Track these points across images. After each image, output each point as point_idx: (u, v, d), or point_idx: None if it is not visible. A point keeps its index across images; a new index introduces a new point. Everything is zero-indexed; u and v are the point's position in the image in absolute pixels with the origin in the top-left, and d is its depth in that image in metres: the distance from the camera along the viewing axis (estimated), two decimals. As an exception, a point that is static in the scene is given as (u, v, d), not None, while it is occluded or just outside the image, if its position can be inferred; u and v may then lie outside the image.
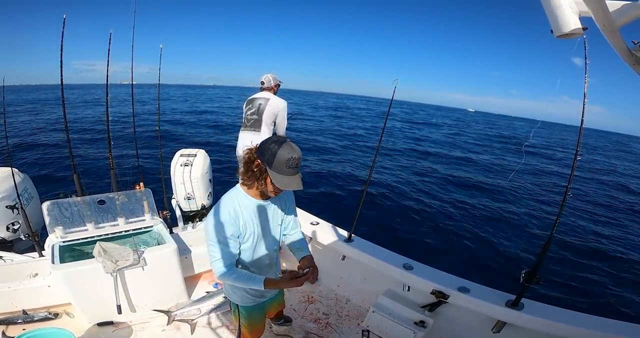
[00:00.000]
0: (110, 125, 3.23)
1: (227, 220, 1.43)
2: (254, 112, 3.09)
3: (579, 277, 5.43)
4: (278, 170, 1.33)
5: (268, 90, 3.19)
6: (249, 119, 3.11)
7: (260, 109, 3.08)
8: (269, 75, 3.19)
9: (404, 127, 27.68)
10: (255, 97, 3.15)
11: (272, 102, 3.08)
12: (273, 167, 1.33)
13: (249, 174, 1.41)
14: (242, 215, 1.47)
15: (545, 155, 20.09)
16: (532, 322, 2.00)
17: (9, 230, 3.20)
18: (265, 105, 3.07)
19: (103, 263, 2.28)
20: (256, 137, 3.12)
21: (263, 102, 3.09)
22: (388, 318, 2.44)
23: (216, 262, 1.47)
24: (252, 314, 1.77)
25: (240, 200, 1.48)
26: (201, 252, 3.02)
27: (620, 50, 0.86)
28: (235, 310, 1.76)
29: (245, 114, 3.14)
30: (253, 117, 3.09)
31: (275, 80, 3.22)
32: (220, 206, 1.47)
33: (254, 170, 1.39)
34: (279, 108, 3.10)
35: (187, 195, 3.77)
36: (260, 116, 3.08)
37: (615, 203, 10.58)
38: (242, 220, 1.47)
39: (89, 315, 2.43)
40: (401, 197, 8.34)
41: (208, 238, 1.46)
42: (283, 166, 1.32)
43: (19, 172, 3.38)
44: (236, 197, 1.49)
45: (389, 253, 2.73)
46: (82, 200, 2.74)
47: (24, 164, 9.04)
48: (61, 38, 2.83)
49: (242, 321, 1.76)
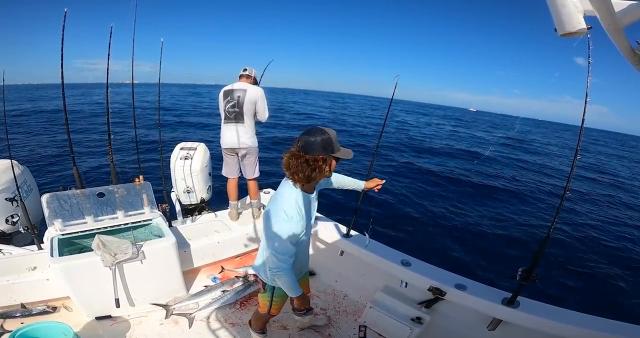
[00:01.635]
0: (111, 120, 3.22)
1: (294, 217, 1.54)
2: (234, 104, 3.09)
3: (575, 275, 5.46)
4: (338, 149, 1.53)
5: (247, 78, 3.18)
6: (230, 112, 3.11)
7: (239, 101, 3.08)
8: (251, 68, 3.23)
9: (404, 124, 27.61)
10: (233, 88, 3.11)
11: (250, 93, 3.07)
12: (334, 149, 1.51)
13: (315, 172, 1.49)
14: (302, 211, 1.59)
15: (545, 153, 20.09)
16: (527, 320, 2.01)
17: (8, 223, 3.20)
18: (244, 96, 3.07)
19: (102, 257, 2.29)
20: (241, 129, 3.13)
21: (241, 94, 3.08)
22: (385, 314, 2.45)
23: (282, 260, 1.56)
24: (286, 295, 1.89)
25: (298, 196, 1.58)
26: (200, 245, 3.03)
27: (624, 49, 0.85)
28: (269, 292, 1.88)
29: (225, 107, 3.12)
30: (234, 110, 3.10)
31: (256, 73, 3.25)
32: (285, 204, 1.55)
33: (320, 165, 1.49)
34: (256, 97, 3.10)
35: (187, 189, 3.77)
36: (240, 108, 3.09)
37: (614, 201, 10.61)
38: (303, 216, 1.59)
39: (88, 309, 2.44)
40: (400, 193, 8.35)
41: (273, 235, 1.54)
42: (338, 144, 1.53)
43: (18, 164, 3.36)
44: (295, 194, 1.58)
45: (388, 249, 2.74)
46: (82, 192, 2.74)
47: (23, 156, 9.04)
48: (62, 32, 2.80)
49: (275, 299, 1.90)
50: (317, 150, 1.46)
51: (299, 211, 1.56)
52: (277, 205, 1.57)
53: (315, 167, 1.47)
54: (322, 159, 1.48)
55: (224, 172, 3.42)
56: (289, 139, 13.63)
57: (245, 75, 3.19)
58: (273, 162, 7.41)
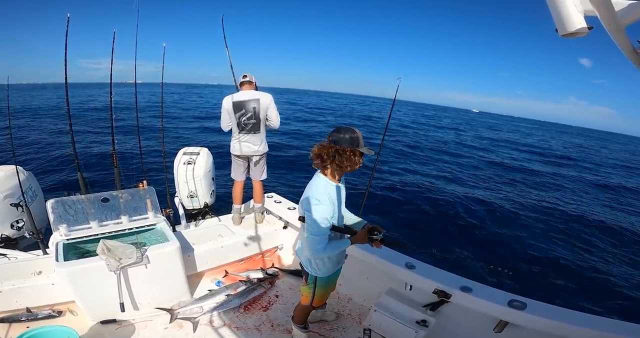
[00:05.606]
0: (115, 123, 3.25)
1: (327, 204, 1.75)
2: (250, 116, 3.07)
3: (581, 277, 5.41)
4: (362, 146, 1.76)
5: (249, 84, 3.16)
6: (247, 124, 3.08)
7: (256, 112, 3.06)
8: (249, 74, 3.19)
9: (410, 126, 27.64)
10: (245, 100, 3.05)
11: (263, 101, 3.06)
12: (360, 145, 1.75)
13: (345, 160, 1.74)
14: (332, 197, 1.81)
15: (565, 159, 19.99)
16: (534, 321, 1.99)
17: (13, 228, 3.22)
18: (259, 107, 3.05)
19: (107, 261, 2.30)
20: (258, 138, 3.15)
21: (255, 104, 3.05)
22: (390, 317, 2.43)
23: (318, 241, 1.77)
24: (329, 282, 2.13)
25: (329, 184, 1.82)
26: (204, 250, 3.04)
27: (625, 49, 0.86)
28: (312, 283, 2.08)
29: (240, 120, 3.07)
30: (251, 122, 3.08)
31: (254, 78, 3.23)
32: (314, 192, 1.78)
33: (349, 155, 1.74)
34: (268, 104, 3.09)
35: (190, 194, 3.78)
36: (258, 119, 3.08)
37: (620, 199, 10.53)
38: (333, 201, 1.81)
39: (93, 313, 2.45)
40: (405, 195, 8.33)
41: (308, 219, 1.76)
42: (363, 142, 1.77)
43: (23, 170, 3.39)
44: (326, 182, 1.82)
45: (392, 252, 2.72)
46: (86, 198, 2.76)
47: (28, 162, 9.10)
48: (65, 37, 2.84)
49: (318, 290, 2.09)
50: (345, 144, 1.72)
51: (328, 197, 1.77)
52: (309, 194, 1.78)
53: (344, 157, 1.73)
54: (351, 150, 1.73)
55: (233, 175, 3.41)
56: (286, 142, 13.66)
57: (247, 82, 3.16)
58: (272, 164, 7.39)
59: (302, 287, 2.17)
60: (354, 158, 1.76)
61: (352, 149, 1.73)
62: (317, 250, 1.80)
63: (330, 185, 1.83)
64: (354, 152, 1.75)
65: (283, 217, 3.57)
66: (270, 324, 2.61)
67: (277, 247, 3.61)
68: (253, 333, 2.50)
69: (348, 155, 1.73)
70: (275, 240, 3.57)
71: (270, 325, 2.60)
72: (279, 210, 3.61)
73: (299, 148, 12.64)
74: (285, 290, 3.04)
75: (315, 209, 1.74)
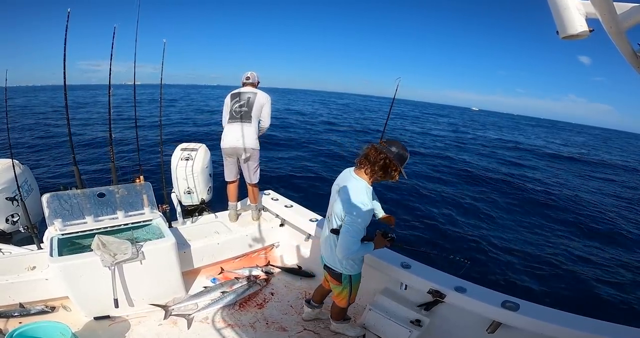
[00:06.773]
0: (112, 121, 3.22)
1: (368, 205, 1.85)
2: (243, 104, 3.14)
3: (575, 279, 5.44)
4: (403, 167, 1.90)
5: (252, 85, 3.27)
6: (238, 112, 3.14)
7: (249, 101, 3.14)
8: (253, 73, 3.29)
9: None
10: (242, 91, 3.20)
11: (260, 96, 3.17)
12: (403, 166, 1.90)
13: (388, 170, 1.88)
14: (372, 199, 1.94)
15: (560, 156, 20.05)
16: (527, 323, 2.00)
17: (8, 222, 3.19)
18: (254, 98, 3.14)
19: (101, 257, 2.28)
20: (247, 128, 3.13)
21: (251, 95, 3.15)
22: (385, 317, 2.44)
23: (354, 243, 1.85)
24: (360, 277, 2.22)
25: (368, 188, 1.92)
26: (200, 246, 3.03)
27: (625, 52, 0.85)
28: (347, 282, 2.15)
29: (233, 107, 3.16)
30: (243, 110, 3.14)
31: (258, 78, 3.33)
32: (361, 193, 1.86)
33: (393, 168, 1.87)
34: (264, 101, 3.19)
35: (187, 190, 3.76)
36: (250, 108, 3.13)
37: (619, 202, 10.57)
38: (372, 204, 1.92)
39: (86, 309, 2.43)
40: (400, 195, 8.33)
41: (354, 220, 1.82)
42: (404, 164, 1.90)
43: (19, 164, 3.36)
44: (367, 186, 1.91)
45: (387, 251, 2.73)
46: (82, 192, 2.74)
47: (24, 155, 9.05)
48: (65, 32, 2.80)
49: (354, 285, 2.19)
50: (393, 157, 1.84)
51: (370, 200, 1.88)
52: (356, 199, 1.84)
53: (389, 167, 1.86)
54: (394, 164, 1.85)
55: (225, 175, 3.42)
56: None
57: (250, 84, 3.27)
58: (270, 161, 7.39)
59: (335, 289, 2.22)
60: (394, 173, 1.89)
61: (397, 166, 1.86)
62: (352, 251, 1.88)
63: (369, 188, 1.93)
64: (397, 170, 1.88)
65: (280, 215, 3.56)
66: (265, 322, 2.61)
67: (273, 244, 3.60)
68: (248, 330, 2.50)
69: (392, 169, 1.87)
70: (272, 238, 3.56)
71: (265, 322, 2.60)
72: (275, 207, 3.61)
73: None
74: (281, 287, 3.04)
75: (364, 213, 1.82)
